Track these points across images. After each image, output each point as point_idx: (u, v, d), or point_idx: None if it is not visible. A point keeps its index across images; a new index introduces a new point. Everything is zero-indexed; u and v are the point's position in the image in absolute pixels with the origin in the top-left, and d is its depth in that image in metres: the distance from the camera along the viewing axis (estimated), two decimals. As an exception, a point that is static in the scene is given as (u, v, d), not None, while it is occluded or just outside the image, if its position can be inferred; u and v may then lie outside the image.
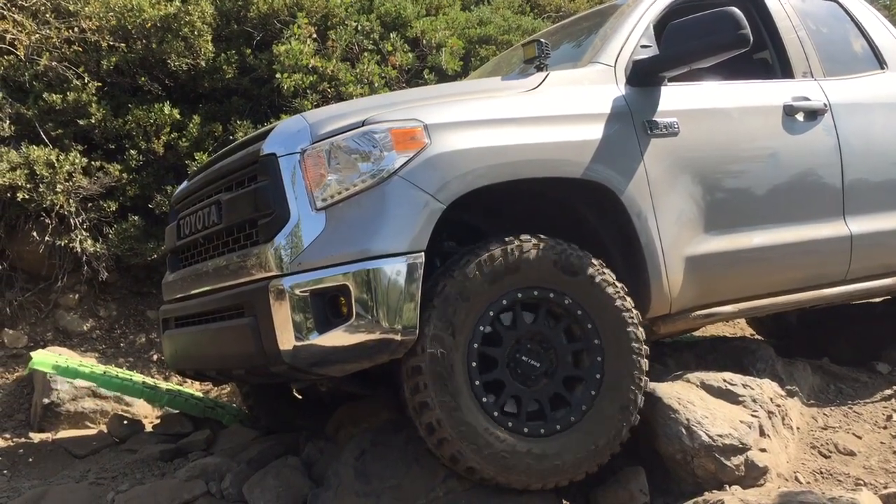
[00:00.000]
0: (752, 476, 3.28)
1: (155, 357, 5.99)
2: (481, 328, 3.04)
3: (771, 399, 3.67)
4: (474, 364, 3.01)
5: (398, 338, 2.89)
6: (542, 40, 3.61)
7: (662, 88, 3.70)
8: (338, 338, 2.87)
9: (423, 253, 2.92)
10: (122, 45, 6.43)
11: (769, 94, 4.08)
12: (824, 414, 4.07)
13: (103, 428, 5.00)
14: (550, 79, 3.54)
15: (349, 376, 3.12)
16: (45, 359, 4.90)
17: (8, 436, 5.03)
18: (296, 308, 2.86)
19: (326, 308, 2.89)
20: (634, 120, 3.54)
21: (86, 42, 6.37)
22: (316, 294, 2.88)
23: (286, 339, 2.88)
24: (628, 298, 3.26)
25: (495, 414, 3.03)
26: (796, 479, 3.47)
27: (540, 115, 3.37)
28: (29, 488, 4.03)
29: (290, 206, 2.96)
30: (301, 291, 2.87)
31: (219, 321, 3.30)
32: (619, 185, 3.38)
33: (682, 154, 3.61)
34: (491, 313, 3.06)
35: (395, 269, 2.88)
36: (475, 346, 3.02)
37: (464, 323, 2.99)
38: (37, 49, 6.24)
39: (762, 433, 3.46)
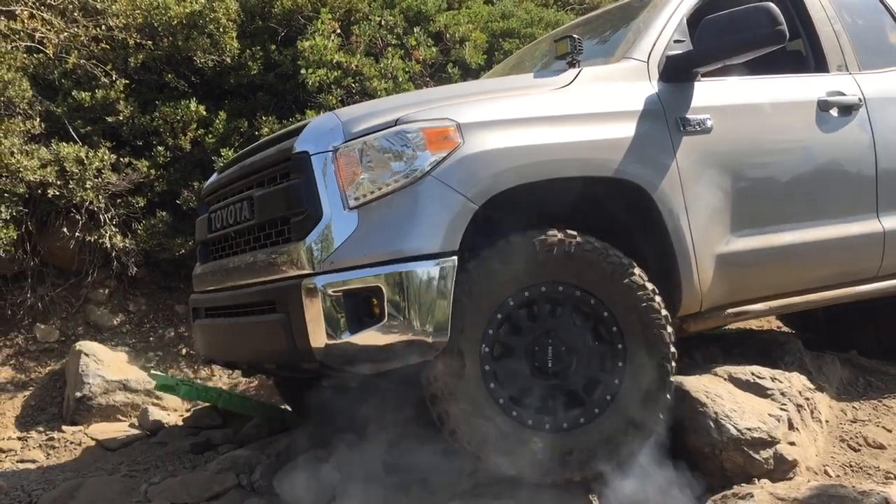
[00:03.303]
0: (781, 469, 3.27)
1: (184, 351, 6.06)
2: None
3: (800, 392, 3.65)
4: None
5: (430, 340, 2.89)
6: (574, 36, 3.56)
7: (695, 84, 3.66)
8: (370, 338, 2.88)
9: (455, 255, 2.92)
10: (149, 42, 6.49)
11: (803, 88, 4.03)
12: (853, 407, 4.05)
13: (134, 421, 5.07)
14: (583, 75, 3.51)
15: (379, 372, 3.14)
16: (168, 381, 5.02)
17: (41, 429, 5.12)
18: (328, 307, 2.87)
19: (359, 308, 2.90)
20: (667, 117, 3.51)
21: (113, 40, 6.44)
22: (349, 294, 2.89)
23: (318, 338, 2.89)
24: (657, 297, 3.25)
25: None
26: (826, 472, 3.45)
27: (572, 113, 3.34)
28: (63, 480, 4.10)
29: (322, 205, 2.96)
30: (334, 291, 2.88)
31: (251, 315, 3.33)
32: (652, 183, 3.36)
33: (715, 151, 3.58)
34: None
35: (427, 272, 2.88)
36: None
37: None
38: (65, 47, 6.31)
39: (791, 426, 3.44)
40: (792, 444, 3.36)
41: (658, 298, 3.24)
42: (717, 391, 3.45)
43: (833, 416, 3.90)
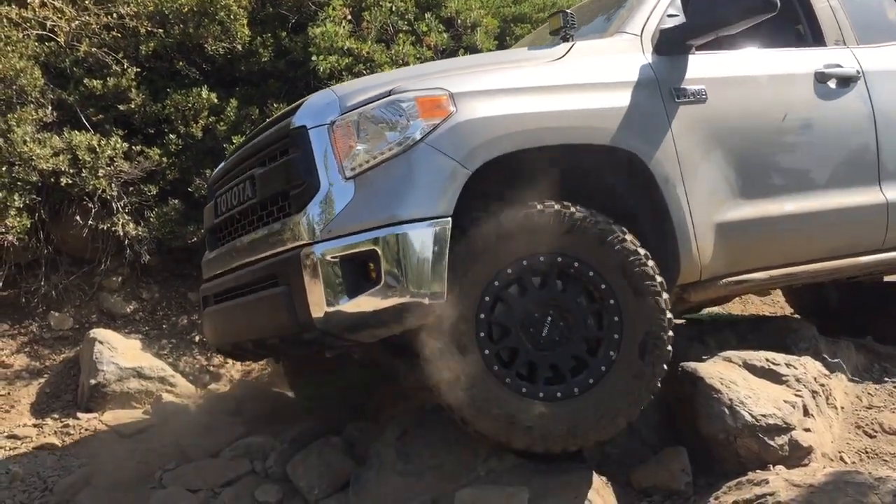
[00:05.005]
0: (797, 456, 3.26)
1: (197, 338, 6.08)
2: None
3: (815, 378, 3.64)
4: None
5: (426, 302, 2.92)
6: (567, 11, 3.63)
7: (690, 57, 3.69)
8: (367, 303, 2.92)
9: (450, 218, 2.95)
10: (160, 30, 6.47)
11: (799, 61, 4.06)
12: (869, 393, 4.02)
13: (149, 408, 5.09)
14: (576, 48, 3.56)
15: (382, 346, 3.16)
16: None
17: (56, 416, 5.14)
18: (326, 274, 2.92)
19: (356, 273, 2.94)
20: (661, 88, 3.54)
21: (124, 28, 6.43)
22: (346, 259, 2.93)
23: (318, 306, 2.93)
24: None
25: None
26: (841, 458, 3.44)
27: (565, 83, 3.38)
28: (78, 467, 4.12)
29: (320, 176, 3.02)
30: (331, 257, 2.92)
31: (254, 292, 3.36)
32: (646, 152, 3.39)
33: (710, 121, 3.60)
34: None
35: (422, 234, 2.92)
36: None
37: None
38: (77, 35, 6.30)
39: (806, 413, 3.43)
40: (807, 430, 3.35)
41: (659, 277, 3.22)
42: (731, 377, 3.44)
43: (848, 403, 3.88)
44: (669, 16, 3.77)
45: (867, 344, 4.66)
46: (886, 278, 5.11)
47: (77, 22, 6.26)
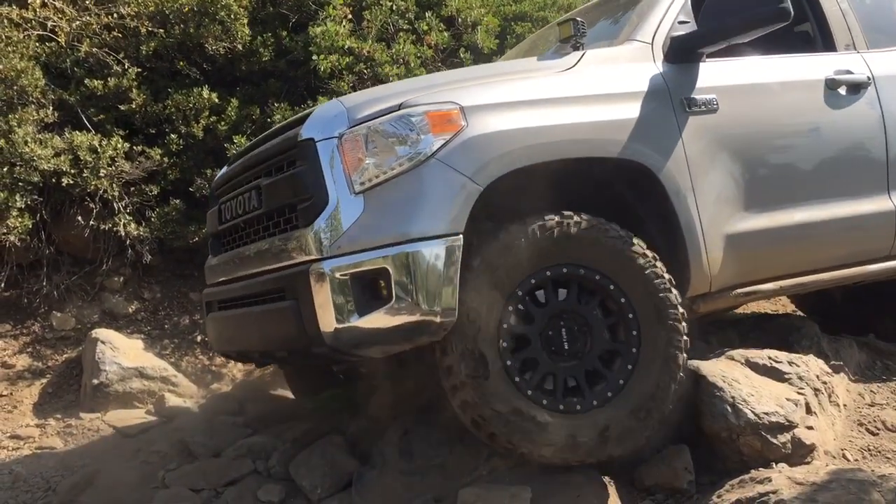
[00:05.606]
0: (799, 454, 3.26)
1: (199, 338, 6.08)
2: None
3: (817, 376, 3.63)
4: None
5: (437, 320, 2.90)
6: (577, 19, 3.58)
7: (701, 65, 3.66)
8: (378, 320, 2.90)
9: (461, 235, 2.93)
10: (161, 30, 6.47)
11: (810, 67, 4.02)
12: (871, 391, 4.02)
13: (151, 408, 5.09)
14: (587, 58, 3.52)
15: (390, 357, 3.15)
16: None
17: (59, 416, 5.15)
18: (336, 291, 2.89)
19: (366, 291, 2.91)
20: (672, 97, 3.51)
21: (125, 28, 6.43)
22: (356, 277, 2.90)
23: (327, 322, 2.91)
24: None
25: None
26: (844, 456, 3.44)
27: (577, 94, 3.35)
28: (81, 467, 4.12)
29: (328, 191, 2.98)
30: (341, 275, 2.89)
31: (261, 304, 3.34)
32: (658, 163, 3.36)
33: (722, 131, 3.57)
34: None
35: (433, 252, 2.89)
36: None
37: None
38: (77, 36, 6.30)
39: (809, 411, 3.43)
40: (810, 428, 3.35)
41: (674, 292, 3.22)
42: (733, 375, 3.43)
43: (851, 400, 3.87)
44: (681, 23, 3.73)
45: (869, 342, 4.66)
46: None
47: (78, 22, 6.25)
